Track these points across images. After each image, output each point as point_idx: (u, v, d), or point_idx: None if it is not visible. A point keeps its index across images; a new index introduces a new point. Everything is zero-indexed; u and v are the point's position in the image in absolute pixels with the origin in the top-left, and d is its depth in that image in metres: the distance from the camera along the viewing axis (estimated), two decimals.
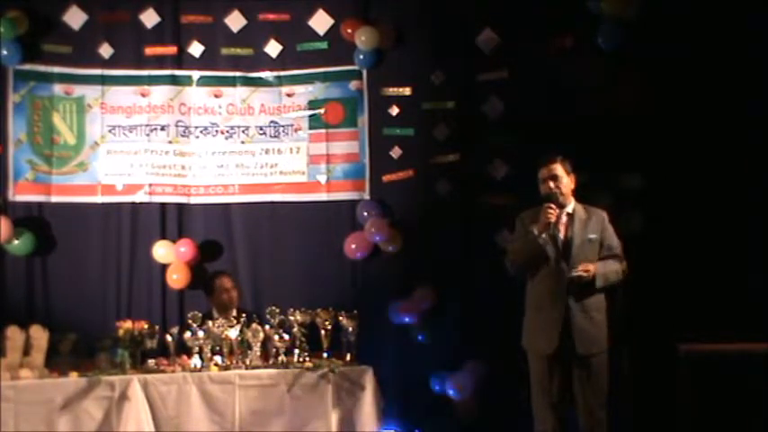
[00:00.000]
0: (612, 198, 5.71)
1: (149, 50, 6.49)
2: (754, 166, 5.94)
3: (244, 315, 5.57)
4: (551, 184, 4.84)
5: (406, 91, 6.48)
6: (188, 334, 5.31)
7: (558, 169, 4.87)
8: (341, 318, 5.41)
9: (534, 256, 4.81)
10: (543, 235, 4.78)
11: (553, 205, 4.77)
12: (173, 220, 6.49)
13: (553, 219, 4.76)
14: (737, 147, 5.96)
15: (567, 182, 4.89)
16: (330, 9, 6.49)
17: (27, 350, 5.13)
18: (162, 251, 6.35)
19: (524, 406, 5.02)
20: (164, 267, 6.38)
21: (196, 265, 6.40)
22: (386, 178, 6.48)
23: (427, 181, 6.42)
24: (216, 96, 6.56)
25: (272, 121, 6.58)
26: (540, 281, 4.83)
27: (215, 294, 6.17)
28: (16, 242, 6.20)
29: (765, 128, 5.90)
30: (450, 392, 6.04)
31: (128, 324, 5.36)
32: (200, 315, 5.42)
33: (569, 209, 4.90)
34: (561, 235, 4.83)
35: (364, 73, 6.53)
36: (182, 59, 6.53)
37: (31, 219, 6.34)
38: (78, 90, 6.44)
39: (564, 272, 4.75)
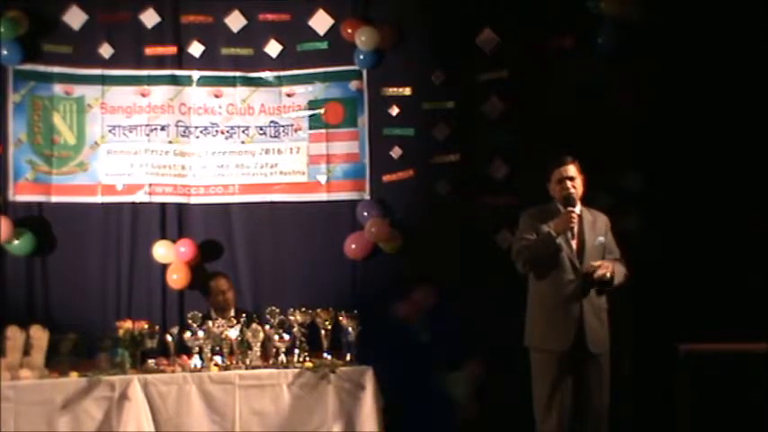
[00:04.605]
0: (612, 198, 5.71)
1: (149, 50, 6.49)
2: (754, 166, 5.94)
3: (243, 315, 5.56)
4: (569, 184, 4.80)
5: (406, 91, 6.48)
6: (188, 334, 5.29)
7: (574, 170, 4.84)
8: (341, 318, 5.39)
9: (550, 256, 4.78)
10: (559, 237, 4.74)
11: (575, 209, 4.74)
12: (173, 220, 6.48)
13: (575, 223, 4.74)
14: (737, 146, 5.96)
15: (579, 183, 4.86)
16: (330, 9, 6.49)
17: (27, 350, 5.11)
18: (162, 251, 6.35)
19: (524, 406, 5.00)
20: (164, 267, 6.38)
21: (196, 265, 6.40)
22: (386, 178, 6.48)
23: (427, 181, 6.42)
24: (216, 96, 6.55)
25: (272, 121, 6.58)
26: (554, 280, 4.78)
27: (211, 296, 6.18)
28: (16, 242, 6.21)
29: (765, 128, 5.91)
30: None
31: (128, 324, 5.36)
32: (200, 315, 5.41)
33: (577, 210, 4.87)
34: (574, 236, 4.81)
35: (364, 73, 6.53)
36: (182, 59, 6.53)
37: (31, 219, 6.34)
38: (78, 90, 6.44)
39: (579, 271, 4.74)
